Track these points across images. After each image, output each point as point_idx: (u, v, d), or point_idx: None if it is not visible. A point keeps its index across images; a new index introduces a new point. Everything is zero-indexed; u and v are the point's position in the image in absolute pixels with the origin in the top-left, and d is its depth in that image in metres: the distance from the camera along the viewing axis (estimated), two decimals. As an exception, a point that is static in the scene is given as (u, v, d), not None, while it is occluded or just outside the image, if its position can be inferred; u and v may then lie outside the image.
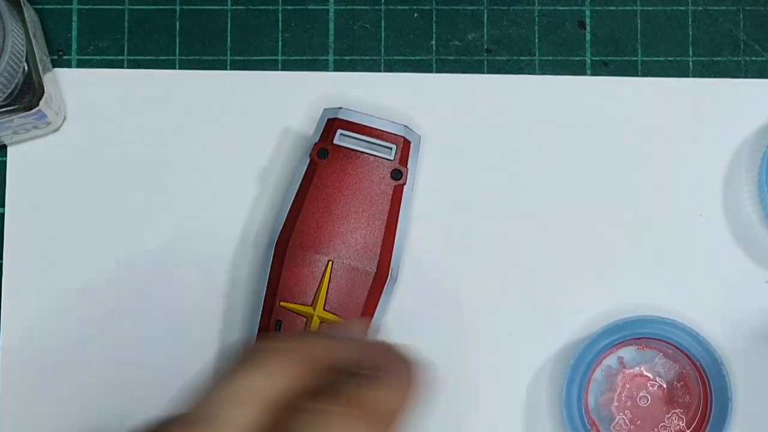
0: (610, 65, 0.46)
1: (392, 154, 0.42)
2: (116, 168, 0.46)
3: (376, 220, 0.42)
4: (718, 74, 0.46)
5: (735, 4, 0.46)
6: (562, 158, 0.45)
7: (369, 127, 0.42)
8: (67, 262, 0.45)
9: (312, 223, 0.42)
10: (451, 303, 0.45)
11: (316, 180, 0.42)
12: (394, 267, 0.42)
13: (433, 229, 0.45)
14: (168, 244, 0.45)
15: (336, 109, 0.43)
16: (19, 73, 0.42)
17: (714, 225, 0.45)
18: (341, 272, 0.42)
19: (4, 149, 0.46)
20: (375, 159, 0.42)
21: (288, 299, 0.41)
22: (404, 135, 0.42)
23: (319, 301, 0.41)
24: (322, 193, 0.42)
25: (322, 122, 0.43)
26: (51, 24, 0.46)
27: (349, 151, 0.42)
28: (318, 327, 0.41)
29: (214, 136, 0.46)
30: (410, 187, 0.43)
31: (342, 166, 0.42)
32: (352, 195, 0.42)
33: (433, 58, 0.46)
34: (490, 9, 0.46)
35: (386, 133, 0.42)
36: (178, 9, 0.47)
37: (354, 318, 0.41)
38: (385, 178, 0.42)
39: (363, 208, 0.42)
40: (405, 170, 0.42)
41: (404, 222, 0.43)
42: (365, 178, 0.42)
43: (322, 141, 0.42)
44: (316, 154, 0.42)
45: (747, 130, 0.45)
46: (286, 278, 0.41)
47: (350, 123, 0.42)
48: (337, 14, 0.46)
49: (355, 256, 0.42)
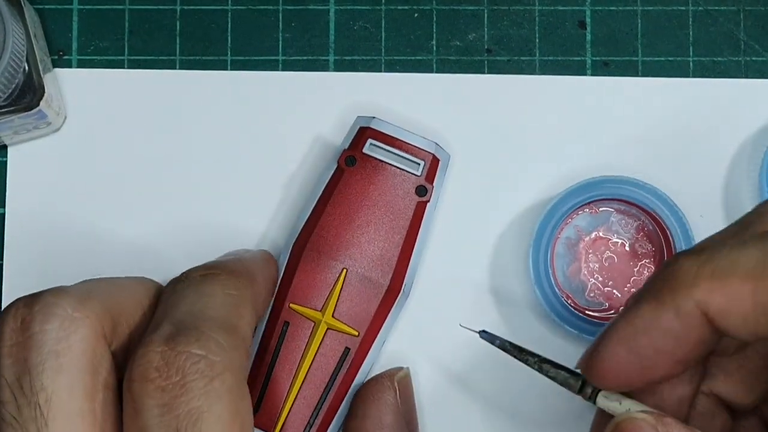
0: (610, 65, 0.46)
1: (420, 170, 0.42)
2: (116, 168, 0.46)
3: (395, 233, 0.42)
4: (719, 74, 0.46)
5: (735, 5, 0.46)
6: (563, 158, 0.45)
7: (400, 140, 0.42)
8: (67, 263, 0.45)
9: (331, 228, 0.42)
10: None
11: (341, 186, 0.42)
12: (408, 282, 0.42)
13: (433, 229, 0.45)
14: (169, 243, 0.45)
15: (369, 118, 0.43)
16: (19, 73, 0.42)
17: (714, 225, 0.45)
18: (354, 281, 0.42)
19: (5, 149, 0.46)
20: (402, 172, 0.42)
21: (298, 301, 0.42)
22: (434, 152, 0.42)
23: (329, 308, 0.41)
24: (344, 200, 0.42)
25: (353, 130, 0.43)
26: (51, 24, 0.46)
27: (377, 162, 0.42)
28: (325, 334, 0.41)
29: (215, 137, 0.46)
30: (434, 205, 0.43)
31: (368, 175, 0.42)
32: (375, 206, 0.42)
33: (433, 59, 0.46)
34: (491, 9, 0.46)
35: (416, 148, 0.42)
36: (178, 9, 0.47)
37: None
38: (410, 193, 0.42)
39: (384, 220, 0.42)
40: (430, 187, 0.42)
41: (423, 239, 0.43)
42: (390, 191, 0.42)
43: (351, 148, 0.42)
44: (344, 161, 0.42)
45: (747, 131, 0.45)
46: (299, 280, 0.42)
47: (381, 134, 0.42)
48: (337, 14, 0.46)
49: (370, 267, 0.42)
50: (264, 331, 0.42)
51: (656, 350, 0.31)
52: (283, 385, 0.41)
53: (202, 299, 0.34)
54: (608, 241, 0.44)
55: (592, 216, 0.45)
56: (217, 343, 0.32)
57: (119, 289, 0.35)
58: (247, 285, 0.37)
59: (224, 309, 0.34)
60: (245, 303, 0.36)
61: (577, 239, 0.44)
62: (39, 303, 0.32)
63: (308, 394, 0.41)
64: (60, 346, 0.31)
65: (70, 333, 0.32)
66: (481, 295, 0.45)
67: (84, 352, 0.32)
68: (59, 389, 0.31)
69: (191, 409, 0.30)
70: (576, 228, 0.44)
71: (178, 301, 0.34)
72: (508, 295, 0.45)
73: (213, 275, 0.36)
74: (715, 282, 0.30)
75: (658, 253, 0.44)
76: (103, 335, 0.33)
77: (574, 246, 0.44)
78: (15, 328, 0.32)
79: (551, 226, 0.43)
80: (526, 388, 0.44)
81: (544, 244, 0.43)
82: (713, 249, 0.30)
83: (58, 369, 0.31)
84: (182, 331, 0.32)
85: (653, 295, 0.31)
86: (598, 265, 0.44)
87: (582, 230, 0.44)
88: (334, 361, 0.41)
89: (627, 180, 0.43)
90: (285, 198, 0.45)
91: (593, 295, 0.44)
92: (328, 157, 0.44)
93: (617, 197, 0.43)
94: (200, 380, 0.31)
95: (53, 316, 0.32)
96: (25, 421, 0.31)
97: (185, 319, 0.33)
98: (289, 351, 0.41)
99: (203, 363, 0.31)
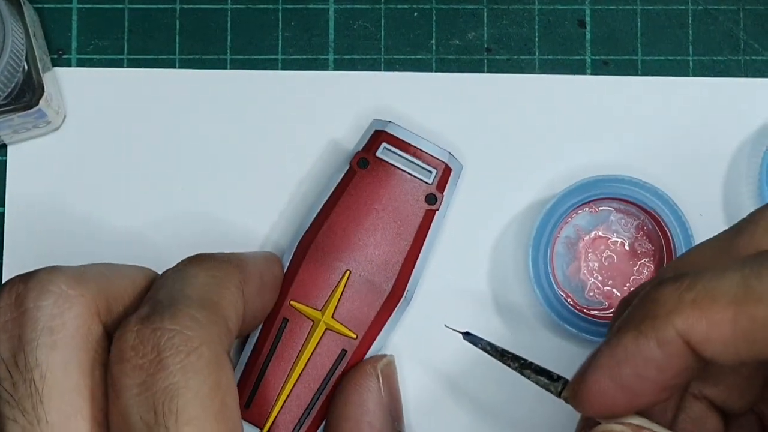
0: (610, 64, 0.46)
1: (431, 178, 0.42)
2: (116, 167, 0.46)
3: (401, 239, 0.42)
4: (719, 73, 0.46)
5: (735, 3, 0.46)
6: (562, 157, 0.45)
7: (414, 146, 0.42)
8: (67, 261, 0.45)
9: (338, 229, 0.42)
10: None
11: (351, 188, 0.42)
12: (410, 289, 0.42)
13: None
14: (169, 242, 0.45)
15: (385, 122, 0.43)
16: (19, 72, 0.42)
17: (713, 224, 0.45)
18: (357, 284, 0.42)
19: (4, 148, 0.46)
20: (413, 179, 0.42)
21: (299, 299, 0.41)
22: (447, 161, 0.42)
23: (329, 308, 0.41)
24: (354, 202, 0.42)
25: (368, 132, 0.43)
26: (51, 23, 0.46)
27: (388, 166, 0.42)
28: (323, 334, 0.41)
29: (214, 136, 0.46)
30: (442, 214, 0.43)
31: (379, 179, 0.42)
32: (383, 210, 0.42)
33: (433, 57, 0.46)
34: (490, 8, 0.46)
35: (429, 156, 0.42)
36: (178, 8, 0.46)
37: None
38: (419, 200, 0.42)
39: (391, 225, 0.42)
40: (440, 196, 0.42)
41: (429, 247, 0.43)
42: (400, 196, 0.42)
43: (364, 151, 0.42)
44: (357, 163, 0.42)
45: (747, 130, 0.45)
46: (302, 278, 0.42)
47: (396, 138, 0.42)
48: (337, 13, 0.46)
49: (373, 271, 0.42)
50: (262, 327, 0.42)
51: (639, 379, 0.30)
52: (276, 382, 0.41)
53: (183, 280, 0.34)
54: (608, 240, 0.44)
55: (591, 215, 0.45)
56: (192, 317, 0.31)
57: (115, 271, 0.35)
58: (234, 271, 0.36)
59: (204, 288, 0.34)
60: (228, 284, 0.35)
61: (576, 238, 0.44)
62: (33, 280, 0.32)
63: (301, 392, 0.41)
64: (54, 323, 0.31)
65: (64, 310, 0.32)
66: (480, 294, 0.45)
67: (78, 329, 0.32)
68: (54, 366, 0.31)
69: (168, 386, 0.30)
70: (575, 227, 0.44)
71: (161, 285, 0.34)
72: (507, 295, 0.45)
73: (199, 259, 0.36)
74: (696, 310, 0.29)
75: (657, 253, 0.44)
76: (97, 313, 0.33)
77: (574, 245, 0.44)
78: (10, 304, 0.32)
79: (551, 225, 0.43)
80: (522, 396, 0.44)
81: (544, 243, 0.43)
82: (695, 276, 0.30)
83: (53, 345, 0.31)
84: (157, 310, 0.32)
85: (635, 324, 0.31)
86: (597, 264, 0.44)
87: (582, 229, 0.44)
88: (330, 361, 0.41)
89: (627, 179, 0.43)
90: (285, 196, 0.45)
91: (593, 294, 0.44)
92: (336, 158, 0.44)
93: (617, 196, 0.43)
94: (175, 355, 0.30)
95: (48, 293, 0.32)
96: (21, 397, 0.31)
97: (163, 299, 0.33)
98: (285, 348, 0.41)
99: (177, 338, 0.31)
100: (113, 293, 0.34)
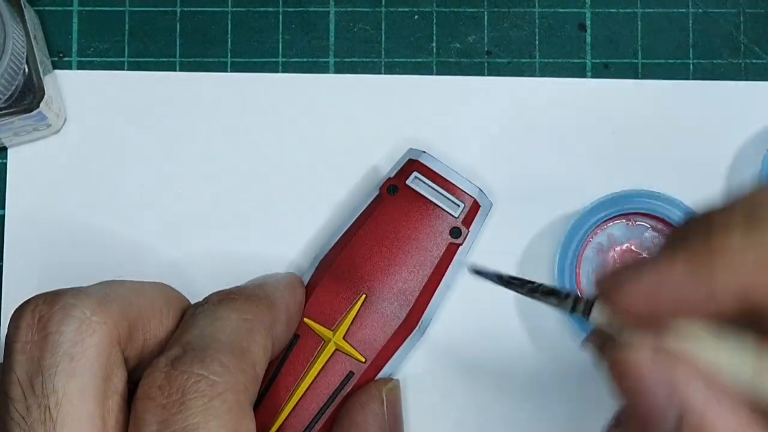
0: (610, 67, 0.46)
1: (458, 212, 0.42)
2: (116, 170, 0.46)
3: (421, 270, 0.42)
4: (719, 77, 0.46)
5: (735, 7, 0.46)
6: (563, 160, 0.45)
7: (445, 178, 0.42)
8: (67, 264, 0.45)
9: (360, 253, 0.42)
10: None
11: (377, 213, 0.42)
12: (426, 320, 0.42)
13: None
14: (170, 246, 0.45)
15: (420, 152, 0.43)
16: (19, 75, 0.42)
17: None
18: (371, 309, 0.41)
19: (5, 151, 0.46)
20: (440, 211, 0.42)
21: (313, 317, 0.41)
22: (476, 197, 0.42)
23: (341, 329, 0.41)
24: (379, 228, 0.42)
25: (402, 160, 0.43)
26: (51, 26, 0.46)
27: (417, 195, 0.42)
28: (332, 354, 0.41)
29: (215, 138, 0.46)
30: (466, 249, 0.43)
31: (406, 207, 0.42)
32: (407, 238, 0.42)
33: (433, 61, 0.46)
34: (491, 11, 0.46)
35: (459, 190, 0.42)
36: (178, 11, 0.47)
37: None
38: (444, 232, 0.42)
39: (412, 255, 0.42)
40: (465, 231, 0.42)
41: (449, 281, 0.42)
42: (424, 227, 0.42)
43: (396, 178, 0.42)
44: (387, 189, 0.42)
45: (747, 133, 0.45)
46: (318, 297, 0.42)
47: (428, 169, 0.42)
48: (337, 16, 0.46)
49: (389, 298, 0.42)
50: None
51: (682, 301, 0.28)
52: (281, 397, 0.41)
53: (214, 323, 0.34)
54: (638, 255, 0.44)
55: (627, 227, 0.44)
56: (221, 363, 0.32)
57: (138, 294, 0.35)
58: (264, 311, 0.37)
59: (235, 333, 0.34)
60: (260, 328, 0.36)
61: (608, 246, 0.44)
62: (59, 303, 0.32)
63: (304, 410, 0.41)
64: (75, 350, 0.31)
65: (86, 336, 0.32)
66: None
67: (98, 356, 0.32)
68: (70, 393, 0.31)
69: (187, 426, 0.30)
70: (609, 235, 0.44)
71: (192, 324, 0.34)
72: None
73: (230, 299, 0.36)
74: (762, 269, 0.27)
75: None
76: (118, 341, 0.33)
77: (605, 253, 0.44)
78: (32, 324, 0.32)
79: (585, 228, 0.43)
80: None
81: (573, 249, 0.43)
82: (764, 230, 0.27)
83: (72, 372, 0.31)
84: (188, 353, 0.32)
85: (693, 254, 0.28)
86: None
87: (615, 239, 0.44)
88: (336, 382, 0.41)
89: (671, 201, 0.43)
90: (287, 198, 0.45)
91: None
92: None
93: (654, 214, 0.43)
94: (199, 399, 0.31)
95: (71, 318, 0.32)
96: (34, 422, 0.31)
97: (194, 341, 0.33)
98: (293, 364, 0.41)
99: (204, 383, 0.31)
100: (136, 317, 0.34)
